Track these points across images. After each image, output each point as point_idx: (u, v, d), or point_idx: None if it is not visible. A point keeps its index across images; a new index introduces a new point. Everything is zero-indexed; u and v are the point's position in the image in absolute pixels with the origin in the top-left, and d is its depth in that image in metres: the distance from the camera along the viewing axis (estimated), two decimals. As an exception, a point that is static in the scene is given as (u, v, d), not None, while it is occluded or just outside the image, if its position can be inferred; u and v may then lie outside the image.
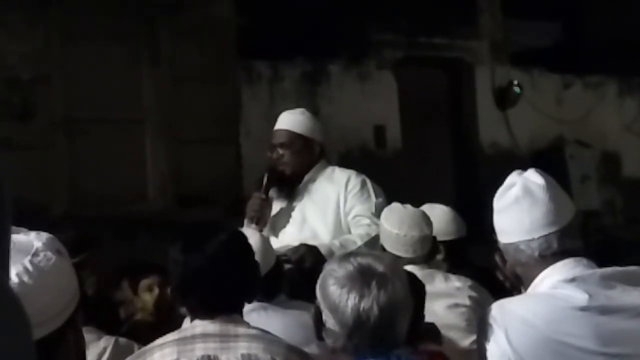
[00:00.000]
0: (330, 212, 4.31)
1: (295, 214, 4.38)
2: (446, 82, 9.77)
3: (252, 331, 2.56)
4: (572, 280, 2.26)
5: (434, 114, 9.52)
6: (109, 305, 4.06)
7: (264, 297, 3.10)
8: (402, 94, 9.02)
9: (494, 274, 2.50)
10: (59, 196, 6.78)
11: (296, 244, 4.15)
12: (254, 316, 2.70)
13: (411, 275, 2.99)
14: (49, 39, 6.86)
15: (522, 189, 2.34)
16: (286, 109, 4.60)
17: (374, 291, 2.20)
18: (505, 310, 2.28)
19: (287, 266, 3.82)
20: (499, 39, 9.80)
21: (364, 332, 2.21)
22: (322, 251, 4.06)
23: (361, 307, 2.19)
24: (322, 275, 2.30)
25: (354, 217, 4.28)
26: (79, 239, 3.98)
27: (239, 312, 2.64)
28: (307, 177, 4.40)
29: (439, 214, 4.00)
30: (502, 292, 2.54)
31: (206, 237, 2.64)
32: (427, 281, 3.19)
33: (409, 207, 3.78)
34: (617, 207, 10.52)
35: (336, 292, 2.22)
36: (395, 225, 3.70)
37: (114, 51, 7.07)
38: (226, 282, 2.59)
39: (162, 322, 3.93)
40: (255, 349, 2.49)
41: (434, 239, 3.78)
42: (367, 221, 4.23)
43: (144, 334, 3.71)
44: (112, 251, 5.66)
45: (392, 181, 5.77)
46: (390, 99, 8.94)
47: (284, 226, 4.38)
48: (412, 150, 9.06)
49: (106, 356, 3.52)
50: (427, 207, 3.95)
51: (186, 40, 7.33)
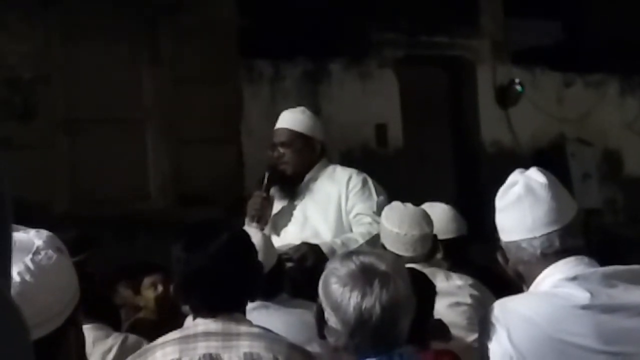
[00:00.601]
0: (331, 210, 4.32)
1: (296, 213, 4.38)
2: (447, 81, 9.76)
3: (254, 330, 2.56)
4: (574, 278, 2.26)
5: (435, 113, 9.51)
6: (110, 304, 4.05)
7: (266, 296, 3.10)
8: (403, 92, 9.01)
9: (495, 273, 2.50)
10: (60, 196, 6.77)
11: (298, 242, 4.15)
12: (255, 315, 2.70)
13: (421, 274, 2.99)
14: (50, 39, 6.86)
15: (524, 188, 2.34)
16: (287, 108, 4.60)
17: (376, 290, 2.20)
18: (507, 308, 2.28)
19: (289, 265, 3.82)
20: (500, 37, 9.80)
21: (366, 331, 2.21)
22: (324, 250, 4.07)
23: (363, 306, 2.19)
24: (324, 273, 2.30)
25: (356, 215, 4.28)
26: (79, 238, 3.98)
27: (241, 310, 2.64)
28: (309, 176, 4.40)
29: (439, 212, 4.00)
30: (504, 290, 2.54)
31: (209, 235, 2.64)
32: (428, 280, 3.19)
33: (409, 206, 3.78)
34: (618, 206, 10.51)
35: (338, 290, 2.22)
36: (395, 224, 3.70)
37: (115, 51, 7.06)
38: (228, 281, 2.59)
39: (164, 321, 3.93)
40: (257, 347, 2.49)
41: (434, 237, 3.78)
42: (368, 220, 4.24)
43: (146, 332, 3.71)
44: (113, 251, 5.67)
45: (393, 180, 5.77)
46: (391, 98, 8.93)
47: (285, 225, 4.38)
48: (414, 149, 9.05)
49: (112, 355, 3.50)
50: (427, 206, 3.95)
51: (187, 39, 7.33)
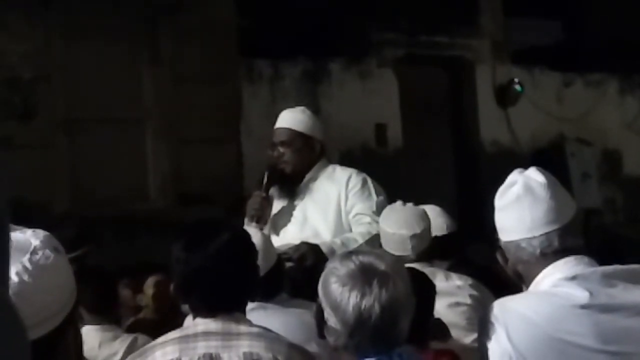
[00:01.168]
0: (331, 210, 4.32)
1: (296, 213, 4.38)
2: (447, 81, 9.76)
3: (254, 329, 2.56)
4: (573, 278, 2.26)
5: (434, 113, 9.51)
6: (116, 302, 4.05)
7: (265, 296, 3.09)
8: (403, 92, 9.01)
9: (495, 272, 2.50)
10: (60, 195, 6.78)
11: (297, 242, 4.15)
12: (253, 316, 2.69)
13: (421, 274, 2.99)
14: (50, 39, 6.86)
15: (523, 187, 2.34)
16: (287, 108, 4.60)
17: (376, 290, 2.20)
18: (506, 308, 2.28)
19: (289, 264, 3.82)
20: (499, 37, 9.80)
21: (366, 331, 2.21)
22: (323, 250, 4.07)
23: (363, 306, 2.19)
24: (324, 273, 2.30)
25: (355, 215, 4.28)
26: (74, 235, 3.98)
27: (241, 310, 2.63)
28: (308, 176, 4.40)
29: (427, 211, 4.00)
30: (503, 290, 2.54)
31: (209, 235, 2.63)
32: (427, 280, 3.19)
33: (403, 206, 3.79)
34: (617, 205, 10.52)
35: (338, 290, 2.22)
36: (387, 223, 3.75)
37: (115, 51, 7.07)
38: (228, 281, 2.59)
39: (164, 320, 3.93)
40: (257, 347, 2.49)
41: (433, 238, 3.78)
42: (368, 219, 4.24)
43: (146, 332, 3.70)
44: (113, 250, 5.67)
45: (393, 179, 5.77)
46: (391, 98, 8.93)
47: (285, 225, 4.38)
48: (413, 148, 9.05)
49: (117, 358, 3.48)
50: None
51: (187, 39, 7.33)
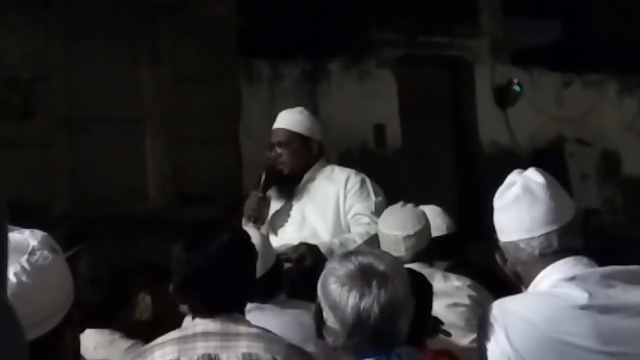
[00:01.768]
0: (329, 211, 4.32)
1: (294, 213, 4.38)
2: (446, 81, 9.76)
3: (252, 330, 2.56)
4: (572, 279, 2.26)
5: (434, 113, 9.51)
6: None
7: (264, 297, 3.09)
8: (402, 92, 9.01)
9: (494, 273, 2.50)
10: (60, 195, 6.77)
11: (296, 243, 4.15)
12: (250, 317, 2.69)
13: (419, 275, 2.99)
14: (50, 39, 6.86)
15: (522, 188, 2.35)
16: (286, 108, 4.60)
17: (375, 290, 2.20)
18: (505, 309, 2.28)
19: (287, 265, 3.82)
20: (499, 37, 9.80)
21: (364, 331, 2.21)
22: (322, 250, 4.07)
23: (362, 306, 2.19)
24: (323, 273, 2.30)
25: (354, 215, 4.29)
26: (70, 233, 3.97)
27: (240, 310, 2.63)
28: (307, 176, 4.40)
29: (427, 212, 3.99)
30: (502, 290, 2.54)
31: (209, 235, 2.63)
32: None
33: (402, 207, 3.79)
34: (617, 206, 10.51)
35: (337, 290, 2.23)
36: (383, 224, 3.75)
37: (115, 50, 7.06)
38: (227, 281, 2.59)
39: (160, 323, 3.91)
40: (255, 347, 2.49)
41: (432, 239, 3.78)
42: (366, 220, 4.24)
43: (142, 335, 3.69)
44: (113, 250, 5.67)
45: (392, 180, 5.78)
46: (390, 98, 8.93)
47: (283, 225, 4.38)
48: (412, 149, 9.05)
49: None
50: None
51: (186, 39, 7.33)
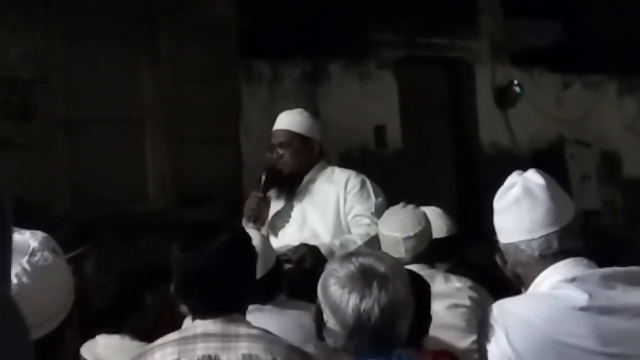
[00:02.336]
0: (330, 212, 4.32)
1: (295, 214, 4.38)
2: (446, 82, 9.76)
3: (253, 331, 2.56)
4: (573, 280, 2.26)
5: (434, 114, 9.51)
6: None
7: (264, 298, 3.09)
8: (402, 93, 9.01)
9: (494, 274, 2.50)
10: (60, 196, 6.77)
11: (296, 244, 4.15)
12: (249, 318, 2.69)
13: (417, 276, 2.99)
14: (50, 39, 6.86)
15: (522, 189, 2.35)
16: (286, 109, 4.60)
17: (375, 292, 2.20)
18: (505, 310, 2.28)
19: (288, 266, 3.82)
20: (499, 38, 9.80)
21: (365, 333, 2.21)
22: (323, 251, 4.07)
23: (362, 308, 2.19)
24: (323, 275, 2.30)
25: (354, 217, 4.28)
26: (71, 235, 3.96)
27: (241, 311, 2.63)
28: (307, 177, 4.40)
29: (427, 213, 3.98)
30: (502, 292, 2.54)
31: (209, 235, 2.63)
32: (426, 282, 3.19)
33: (402, 208, 3.78)
34: (617, 207, 10.51)
35: (337, 292, 2.23)
36: (383, 225, 3.74)
37: (115, 51, 7.06)
38: (228, 282, 2.58)
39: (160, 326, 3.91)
40: (256, 349, 2.49)
41: (432, 240, 3.77)
42: (366, 221, 4.24)
43: (142, 336, 3.68)
44: (113, 251, 5.66)
45: (392, 181, 5.77)
46: (390, 99, 8.93)
47: (284, 226, 4.38)
48: (412, 150, 9.05)
49: None
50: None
51: (186, 40, 7.33)
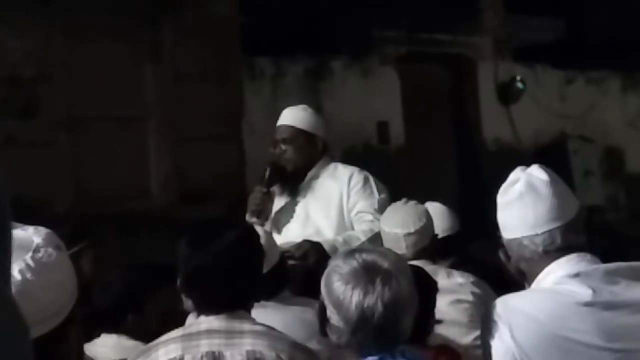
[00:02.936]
0: (333, 208, 4.31)
1: (298, 211, 4.38)
2: (449, 78, 9.76)
3: (257, 327, 2.56)
4: (576, 275, 2.25)
5: (436, 110, 9.51)
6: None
7: (268, 294, 3.09)
8: (404, 90, 9.01)
9: (498, 270, 2.50)
10: (62, 194, 6.77)
11: (299, 240, 4.15)
12: (253, 314, 2.69)
13: (422, 272, 2.99)
14: (52, 37, 6.86)
15: (525, 185, 2.34)
16: (289, 106, 4.60)
17: (379, 288, 2.20)
18: (509, 306, 2.27)
19: (291, 262, 3.82)
20: (501, 34, 9.79)
21: (368, 329, 2.21)
22: (326, 247, 4.07)
23: (365, 304, 2.19)
24: (327, 271, 2.30)
25: (357, 213, 4.28)
26: (72, 231, 3.97)
27: (245, 308, 2.63)
28: (310, 173, 4.40)
29: (431, 211, 3.97)
30: (506, 287, 2.54)
31: (214, 232, 2.63)
32: (429, 278, 3.19)
33: (404, 204, 3.77)
34: (620, 203, 10.51)
35: (341, 288, 2.23)
36: (385, 222, 3.74)
37: (117, 48, 7.06)
38: (232, 278, 2.58)
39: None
40: (260, 345, 2.49)
41: (435, 236, 3.77)
42: (370, 217, 4.24)
43: (143, 335, 3.68)
44: (115, 248, 5.67)
45: (395, 177, 5.77)
46: (393, 95, 8.93)
47: (287, 223, 4.38)
48: (415, 146, 9.05)
49: None
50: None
51: (188, 37, 7.33)
